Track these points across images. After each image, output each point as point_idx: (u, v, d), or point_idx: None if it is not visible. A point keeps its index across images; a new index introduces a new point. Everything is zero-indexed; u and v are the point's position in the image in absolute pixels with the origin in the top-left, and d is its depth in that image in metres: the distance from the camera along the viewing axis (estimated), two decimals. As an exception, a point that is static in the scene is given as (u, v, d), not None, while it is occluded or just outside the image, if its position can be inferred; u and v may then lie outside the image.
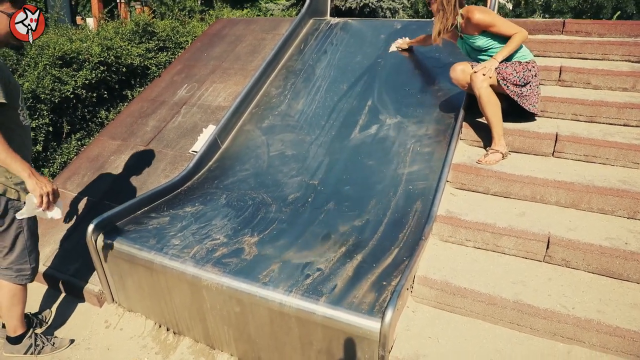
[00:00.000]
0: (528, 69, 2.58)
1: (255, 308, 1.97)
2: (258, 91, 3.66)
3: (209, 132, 3.34)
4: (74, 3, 9.47)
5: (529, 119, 2.81)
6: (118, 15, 7.79)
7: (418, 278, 2.07)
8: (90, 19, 8.49)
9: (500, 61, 2.56)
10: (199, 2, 7.79)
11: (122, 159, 3.41)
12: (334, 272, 2.04)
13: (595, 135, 2.57)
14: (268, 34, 4.44)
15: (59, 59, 3.81)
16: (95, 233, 2.33)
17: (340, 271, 2.04)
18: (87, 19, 8.99)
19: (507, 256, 2.19)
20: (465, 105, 2.90)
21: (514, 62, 2.60)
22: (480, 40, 2.66)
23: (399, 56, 3.67)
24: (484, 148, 2.73)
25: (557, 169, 2.46)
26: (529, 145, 2.68)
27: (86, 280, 2.61)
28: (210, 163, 3.14)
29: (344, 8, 8.72)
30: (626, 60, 3.20)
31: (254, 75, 3.65)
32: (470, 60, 2.79)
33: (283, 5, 9.18)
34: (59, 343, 2.32)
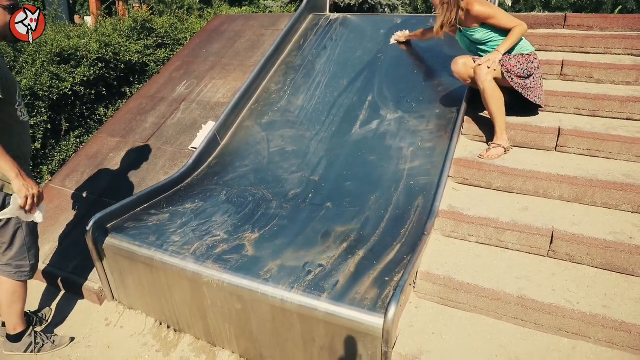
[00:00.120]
0: (530, 60, 2.56)
1: (256, 305, 1.95)
2: (257, 87, 3.63)
3: (208, 129, 3.31)
4: (72, 2, 9.43)
5: (531, 113, 2.79)
6: (116, 12, 7.75)
7: (421, 274, 2.05)
8: (88, 18, 8.45)
9: (503, 53, 2.54)
10: (197, 0, 7.76)
11: (121, 156, 3.38)
12: (336, 268, 2.02)
13: (599, 129, 2.55)
14: (267, 29, 4.41)
15: (57, 55, 3.78)
16: (94, 230, 2.31)
17: (342, 267, 2.03)
18: (86, 17, 8.96)
19: (511, 251, 2.17)
20: (467, 100, 2.87)
21: (517, 55, 2.58)
22: (479, 33, 2.63)
23: (399, 51, 3.65)
24: (486, 143, 2.71)
25: (560, 163, 2.44)
26: (532, 139, 2.65)
27: (86, 278, 2.59)
28: (210, 159, 3.12)
29: (342, 4, 8.68)
30: (629, 54, 3.18)
31: (253, 71, 3.62)
32: (470, 53, 2.77)
33: (282, 2, 9.14)
34: (59, 341, 2.31)
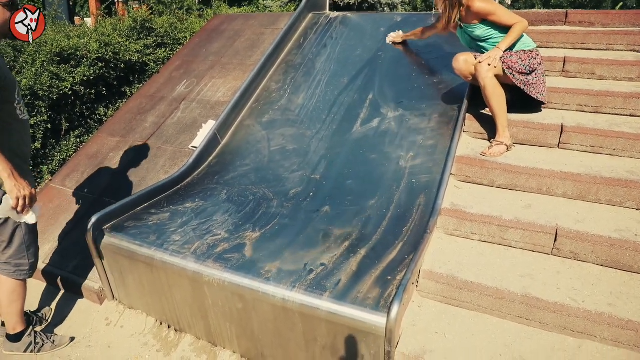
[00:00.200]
0: (533, 56, 2.54)
1: (257, 304, 1.93)
2: (258, 86, 3.61)
3: (208, 128, 3.29)
4: (72, 3, 9.43)
5: (533, 111, 2.77)
6: (116, 12, 7.74)
7: (423, 272, 2.03)
8: (88, 19, 8.45)
9: (504, 50, 2.52)
10: (197, 1, 7.75)
11: (121, 155, 3.37)
12: (338, 267, 2.00)
13: (602, 126, 2.53)
14: (267, 28, 4.39)
15: (57, 55, 3.77)
16: (94, 229, 2.30)
17: (344, 266, 2.01)
18: (86, 19, 8.95)
19: (514, 249, 2.15)
20: (469, 97, 2.85)
21: (519, 51, 2.56)
22: (480, 30, 2.62)
23: (400, 49, 3.63)
24: (488, 140, 2.69)
25: (564, 161, 2.42)
26: (534, 136, 2.63)
27: (86, 278, 2.57)
28: (210, 158, 3.10)
29: (342, 4, 8.67)
30: (631, 50, 3.15)
31: (253, 70, 3.60)
32: (471, 50, 2.75)
33: (281, 2, 9.12)
34: (59, 341, 2.29)
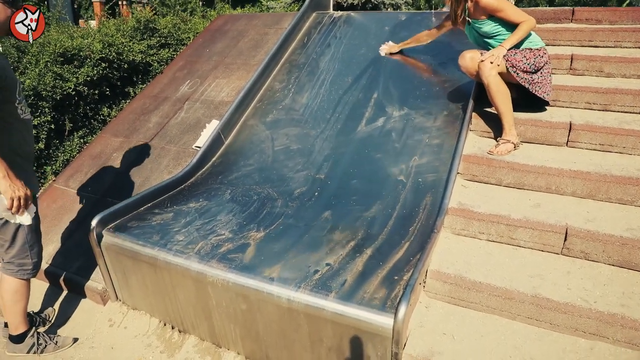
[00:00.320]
0: (539, 55, 2.50)
1: (262, 305, 1.91)
2: (261, 86, 3.59)
3: (212, 128, 3.28)
4: (76, 6, 9.46)
5: (540, 109, 2.73)
6: (119, 13, 7.76)
7: (431, 272, 2.00)
8: (93, 22, 8.46)
9: (508, 48, 2.48)
10: (200, 3, 7.76)
11: (125, 155, 3.35)
12: (343, 267, 1.97)
13: (611, 124, 2.48)
14: (270, 28, 4.38)
15: (60, 55, 3.76)
16: (98, 230, 2.28)
17: (350, 266, 1.98)
18: (90, 21, 8.97)
19: (523, 249, 2.11)
20: (475, 95, 2.82)
21: (524, 49, 2.52)
22: (488, 26, 2.58)
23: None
24: (495, 139, 2.66)
25: (572, 159, 2.38)
26: (542, 135, 2.59)
27: (89, 278, 2.56)
28: (214, 158, 3.08)
29: (345, 4, 8.65)
30: (639, 47, 3.11)
31: (257, 70, 3.58)
32: (478, 47, 2.72)
33: (284, 2, 9.11)
34: (62, 342, 2.27)
